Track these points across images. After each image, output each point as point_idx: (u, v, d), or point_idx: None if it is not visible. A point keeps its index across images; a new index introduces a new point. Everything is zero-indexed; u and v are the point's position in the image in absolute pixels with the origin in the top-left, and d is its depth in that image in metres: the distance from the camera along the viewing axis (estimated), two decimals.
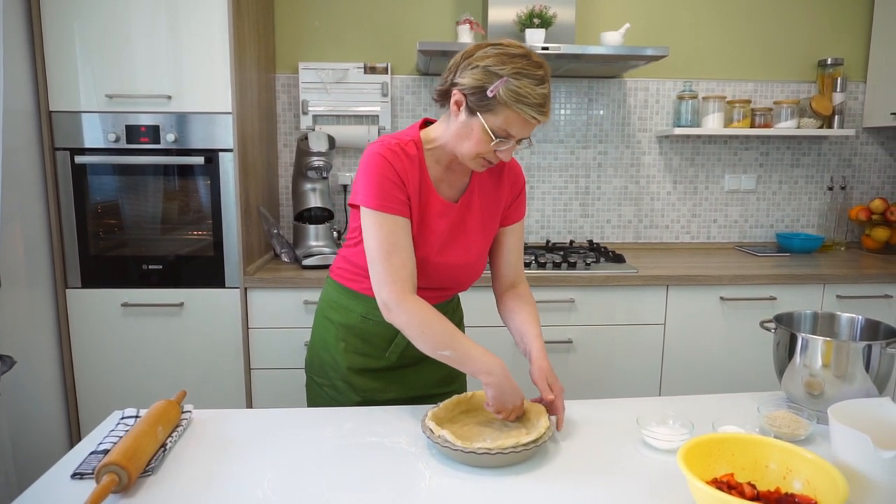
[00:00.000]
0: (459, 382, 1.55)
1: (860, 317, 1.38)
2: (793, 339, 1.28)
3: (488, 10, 2.60)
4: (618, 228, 3.01)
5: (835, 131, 2.79)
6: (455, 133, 1.25)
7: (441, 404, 1.25)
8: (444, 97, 1.28)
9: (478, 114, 1.20)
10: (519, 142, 1.23)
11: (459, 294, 1.56)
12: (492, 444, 1.08)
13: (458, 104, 1.23)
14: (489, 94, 1.16)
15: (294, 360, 2.33)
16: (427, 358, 1.35)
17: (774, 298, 2.40)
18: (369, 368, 1.43)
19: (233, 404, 2.34)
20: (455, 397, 1.28)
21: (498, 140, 1.21)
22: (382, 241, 1.24)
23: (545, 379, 1.28)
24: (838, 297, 2.43)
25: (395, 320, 1.25)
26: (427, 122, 1.38)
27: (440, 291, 1.42)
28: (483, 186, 1.39)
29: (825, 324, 1.41)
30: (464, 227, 1.36)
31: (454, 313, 1.53)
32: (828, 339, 1.23)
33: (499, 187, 1.41)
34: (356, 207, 1.29)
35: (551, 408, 1.25)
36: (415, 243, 1.29)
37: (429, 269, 1.33)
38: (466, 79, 1.19)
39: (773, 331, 1.36)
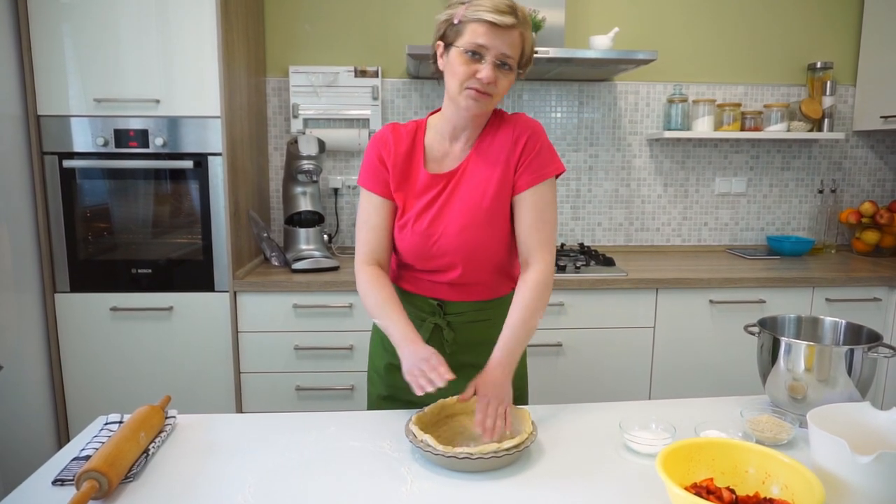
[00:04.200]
0: None
1: (843, 321, 1.38)
2: (776, 344, 1.28)
3: None
4: (609, 231, 3.01)
5: (825, 134, 2.80)
6: (445, 80, 1.30)
7: (426, 409, 1.25)
8: (436, 63, 1.33)
9: (452, 44, 1.26)
10: (501, 66, 1.24)
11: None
12: (474, 448, 1.08)
13: (439, 53, 1.31)
14: (455, 21, 1.24)
15: (284, 364, 2.33)
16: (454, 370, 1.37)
17: (763, 301, 2.41)
18: (395, 365, 1.40)
19: (222, 409, 2.33)
20: (440, 401, 1.28)
21: (472, 57, 1.23)
22: (360, 214, 1.39)
23: (474, 386, 1.25)
24: (827, 300, 2.43)
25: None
26: None
27: (451, 273, 1.37)
28: (483, 151, 1.35)
29: (809, 328, 1.41)
30: (451, 196, 1.34)
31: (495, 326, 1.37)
32: (810, 343, 1.24)
33: (502, 147, 1.34)
34: None
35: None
36: (405, 216, 1.35)
37: (426, 244, 1.34)
38: (438, 25, 1.29)
39: (757, 335, 1.36)
